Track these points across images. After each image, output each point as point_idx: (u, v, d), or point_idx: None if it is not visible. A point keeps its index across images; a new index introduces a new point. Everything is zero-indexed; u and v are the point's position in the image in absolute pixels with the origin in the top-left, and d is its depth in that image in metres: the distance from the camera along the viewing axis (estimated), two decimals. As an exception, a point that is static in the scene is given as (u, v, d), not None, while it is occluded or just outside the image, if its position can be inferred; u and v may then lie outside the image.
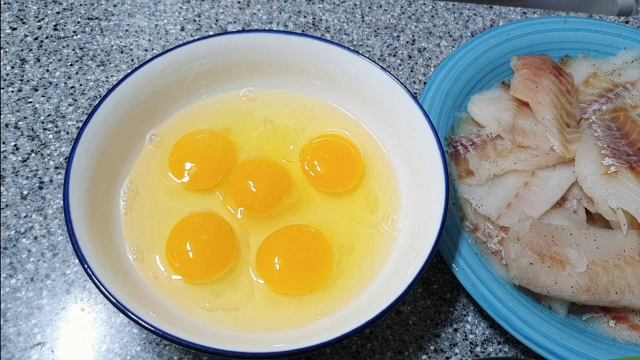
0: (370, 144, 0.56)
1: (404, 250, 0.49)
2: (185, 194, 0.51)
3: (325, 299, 0.47)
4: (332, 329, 0.42)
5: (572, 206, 0.55)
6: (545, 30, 0.68)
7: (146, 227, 0.49)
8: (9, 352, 0.48)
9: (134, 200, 0.49)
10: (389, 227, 0.51)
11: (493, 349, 0.52)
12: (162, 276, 0.47)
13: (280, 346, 0.40)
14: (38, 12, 0.70)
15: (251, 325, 0.45)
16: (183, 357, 0.49)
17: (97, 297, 0.51)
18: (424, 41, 0.74)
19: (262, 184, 0.51)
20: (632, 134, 0.57)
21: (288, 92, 0.58)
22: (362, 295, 0.47)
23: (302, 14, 0.74)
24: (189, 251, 0.47)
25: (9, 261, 0.52)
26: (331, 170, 0.53)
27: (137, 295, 0.43)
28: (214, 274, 0.47)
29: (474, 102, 0.62)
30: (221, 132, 0.55)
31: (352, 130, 0.57)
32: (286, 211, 0.51)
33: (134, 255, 0.47)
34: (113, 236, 0.47)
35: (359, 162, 0.54)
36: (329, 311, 0.46)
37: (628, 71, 0.66)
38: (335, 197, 0.53)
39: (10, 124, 0.61)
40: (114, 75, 0.66)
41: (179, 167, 0.51)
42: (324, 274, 0.48)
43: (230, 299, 0.46)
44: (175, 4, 0.74)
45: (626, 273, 0.49)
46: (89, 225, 0.43)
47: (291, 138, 0.56)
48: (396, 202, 0.53)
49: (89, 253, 0.41)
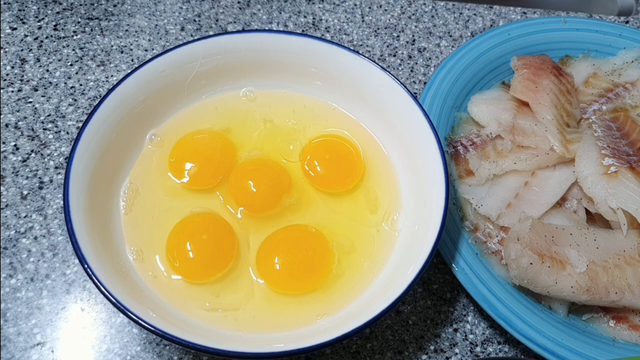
0: (371, 144, 0.56)
1: (404, 250, 0.49)
2: (186, 194, 0.51)
3: (325, 299, 0.47)
4: (332, 329, 0.42)
5: (572, 206, 0.55)
6: (545, 30, 0.68)
7: (146, 227, 0.49)
8: (9, 352, 0.48)
9: (134, 200, 0.49)
10: (389, 227, 0.51)
11: (493, 349, 0.52)
12: (162, 276, 0.47)
13: (280, 346, 0.40)
14: (38, 12, 0.70)
15: (251, 325, 0.45)
16: (183, 357, 0.49)
17: (97, 297, 0.51)
18: (424, 41, 0.74)
19: (262, 183, 0.51)
20: (632, 134, 0.57)
21: (288, 92, 0.58)
22: (362, 296, 0.47)
23: (302, 14, 0.75)
24: (189, 251, 0.47)
25: (9, 261, 0.52)
26: (331, 170, 0.53)
27: (137, 295, 0.43)
28: (214, 274, 0.47)
29: (474, 102, 0.62)
30: (221, 132, 0.55)
31: (352, 130, 0.57)
32: (286, 211, 0.51)
33: (134, 255, 0.47)
34: (113, 236, 0.47)
35: (358, 162, 0.54)
36: (329, 311, 0.46)
37: (628, 71, 0.66)
38: (335, 197, 0.53)
39: (10, 124, 0.61)
40: (114, 75, 0.66)
41: (178, 167, 0.51)
42: (324, 274, 0.48)
43: (230, 299, 0.46)
44: (175, 4, 0.74)
45: (626, 273, 0.49)
46: (89, 225, 0.43)
47: (291, 138, 0.56)
48: (396, 202, 0.53)
49: (89, 253, 0.41)
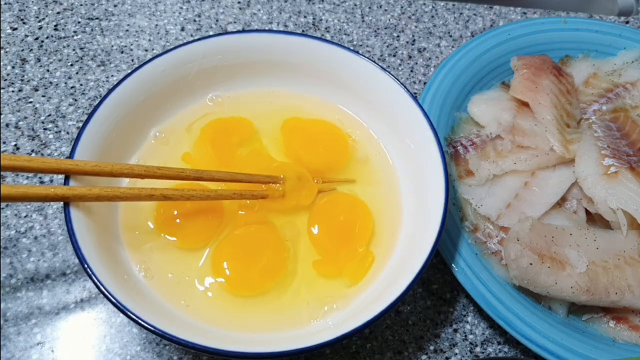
0: (371, 144, 0.56)
1: (403, 250, 0.49)
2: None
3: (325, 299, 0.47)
4: (332, 328, 0.42)
5: (572, 206, 0.55)
6: (545, 31, 0.68)
7: (147, 227, 0.49)
8: (9, 351, 0.48)
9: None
10: (389, 227, 0.51)
11: (493, 349, 0.52)
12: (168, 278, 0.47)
13: (280, 346, 0.40)
14: (38, 12, 0.70)
15: (251, 325, 0.45)
16: (183, 357, 0.49)
17: (97, 297, 0.51)
18: (424, 41, 0.74)
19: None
20: (632, 134, 0.57)
21: (288, 92, 0.58)
22: (361, 296, 0.47)
23: (302, 14, 0.75)
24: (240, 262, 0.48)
25: (9, 261, 0.52)
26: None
27: (137, 295, 0.43)
28: (263, 287, 0.47)
29: (474, 102, 0.62)
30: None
31: (353, 131, 0.57)
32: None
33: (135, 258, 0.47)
34: (113, 237, 0.47)
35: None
36: (329, 311, 0.46)
37: (628, 71, 0.65)
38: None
39: (11, 124, 0.61)
40: (114, 75, 0.66)
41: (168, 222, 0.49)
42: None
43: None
44: (176, 4, 0.74)
45: (626, 273, 0.49)
46: (89, 225, 0.43)
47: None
48: (396, 202, 0.53)
49: (89, 253, 0.41)
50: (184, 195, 0.46)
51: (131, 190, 0.44)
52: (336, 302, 0.47)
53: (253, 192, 0.49)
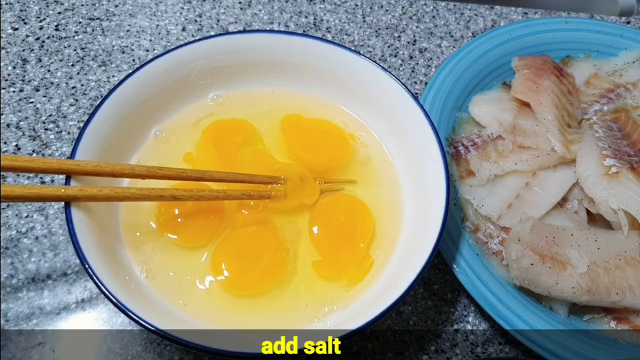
0: (371, 145, 0.56)
1: (404, 250, 0.49)
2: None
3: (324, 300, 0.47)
4: (333, 329, 0.42)
5: (573, 207, 0.55)
6: (546, 31, 0.68)
7: (147, 227, 0.49)
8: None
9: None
10: (390, 227, 0.51)
11: (494, 350, 0.52)
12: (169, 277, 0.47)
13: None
14: (39, 12, 0.70)
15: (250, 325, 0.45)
16: (184, 357, 0.49)
17: (98, 297, 0.51)
18: (425, 41, 0.74)
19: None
20: (634, 135, 0.57)
21: (288, 92, 0.58)
22: (362, 296, 0.47)
23: (303, 14, 0.75)
24: (240, 261, 0.48)
25: (10, 261, 0.52)
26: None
27: (138, 295, 0.43)
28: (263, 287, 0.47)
29: (475, 103, 0.62)
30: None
31: (353, 131, 0.57)
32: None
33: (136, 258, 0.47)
34: (114, 237, 0.47)
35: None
36: (330, 312, 0.46)
37: (629, 71, 0.65)
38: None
39: (12, 124, 0.61)
40: (115, 75, 0.66)
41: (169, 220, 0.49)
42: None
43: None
44: (177, 5, 0.74)
45: (627, 274, 0.49)
46: (90, 225, 0.43)
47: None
48: (397, 202, 0.53)
49: (90, 253, 0.41)
50: (193, 195, 0.46)
51: (141, 191, 0.44)
52: (336, 303, 0.47)
53: (261, 193, 0.50)
